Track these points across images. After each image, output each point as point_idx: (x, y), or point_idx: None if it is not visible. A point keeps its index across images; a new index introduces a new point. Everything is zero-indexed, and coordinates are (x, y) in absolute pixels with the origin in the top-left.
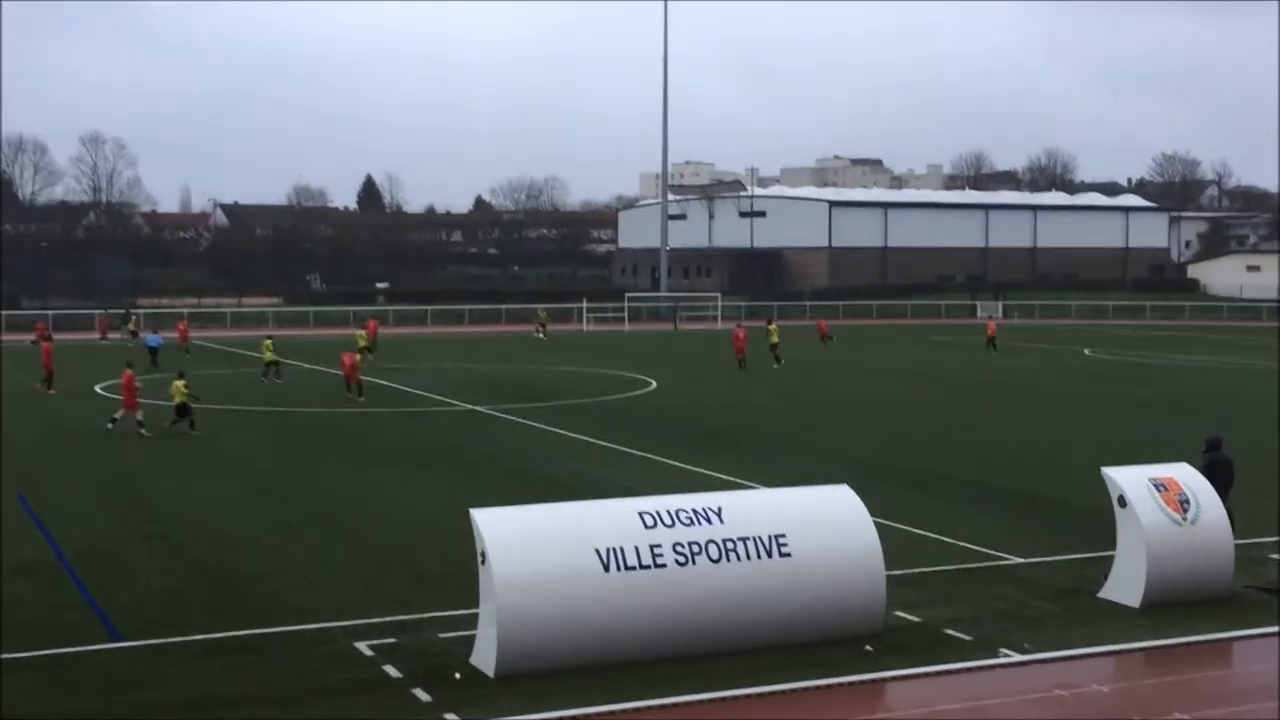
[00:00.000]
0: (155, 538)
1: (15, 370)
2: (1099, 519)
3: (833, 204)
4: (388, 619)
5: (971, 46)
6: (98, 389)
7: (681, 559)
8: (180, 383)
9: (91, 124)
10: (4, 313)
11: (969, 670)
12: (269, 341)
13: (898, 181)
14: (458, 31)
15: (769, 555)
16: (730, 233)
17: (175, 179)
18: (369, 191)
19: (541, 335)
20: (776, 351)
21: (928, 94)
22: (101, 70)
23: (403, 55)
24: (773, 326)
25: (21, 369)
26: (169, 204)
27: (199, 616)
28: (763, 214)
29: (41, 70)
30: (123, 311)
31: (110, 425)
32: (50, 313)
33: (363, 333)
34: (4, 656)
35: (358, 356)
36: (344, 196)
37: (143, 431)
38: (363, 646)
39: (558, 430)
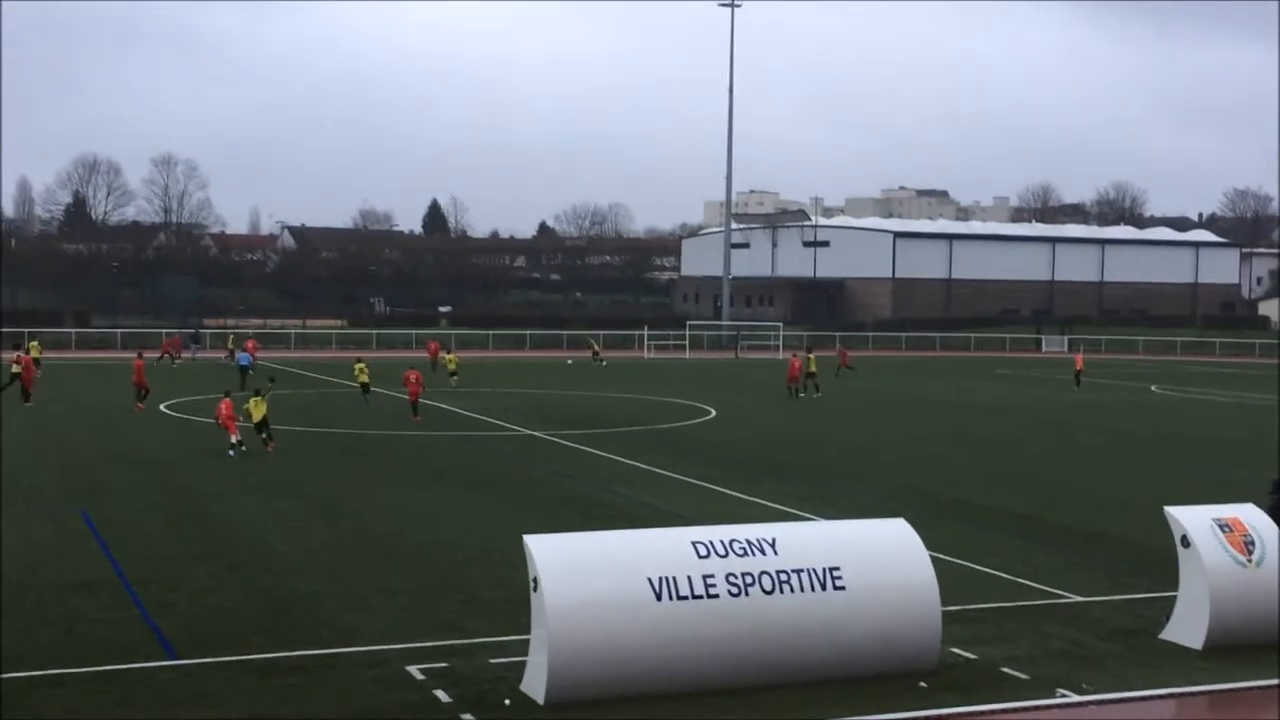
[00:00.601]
0: (212, 557)
1: (84, 387)
2: (1162, 559)
3: (897, 235)
4: (439, 643)
5: (1040, 78)
6: (163, 408)
7: (734, 590)
8: (258, 398)
9: (164, 146)
10: (74, 331)
11: (1026, 709)
12: (361, 364)
13: (963, 213)
14: (524, 58)
15: (823, 588)
16: (793, 262)
17: (244, 201)
18: (434, 216)
19: (603, 362)
20: (815, 381)
21: (995, 125)
22: (175, 94)
23: (469, 81)
24: (811, 356)
25: (88, 386)
26: (238, 226)
27: (253, 636)
28: (826, 244)
29: (116, 93)
30: (192, 332)
31: (232, 452)
32: (119, 331)
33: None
34: (64, 671)
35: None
36: (409, 221)
37: (232, 453)
38: (414, 670)
39: (614, 457)
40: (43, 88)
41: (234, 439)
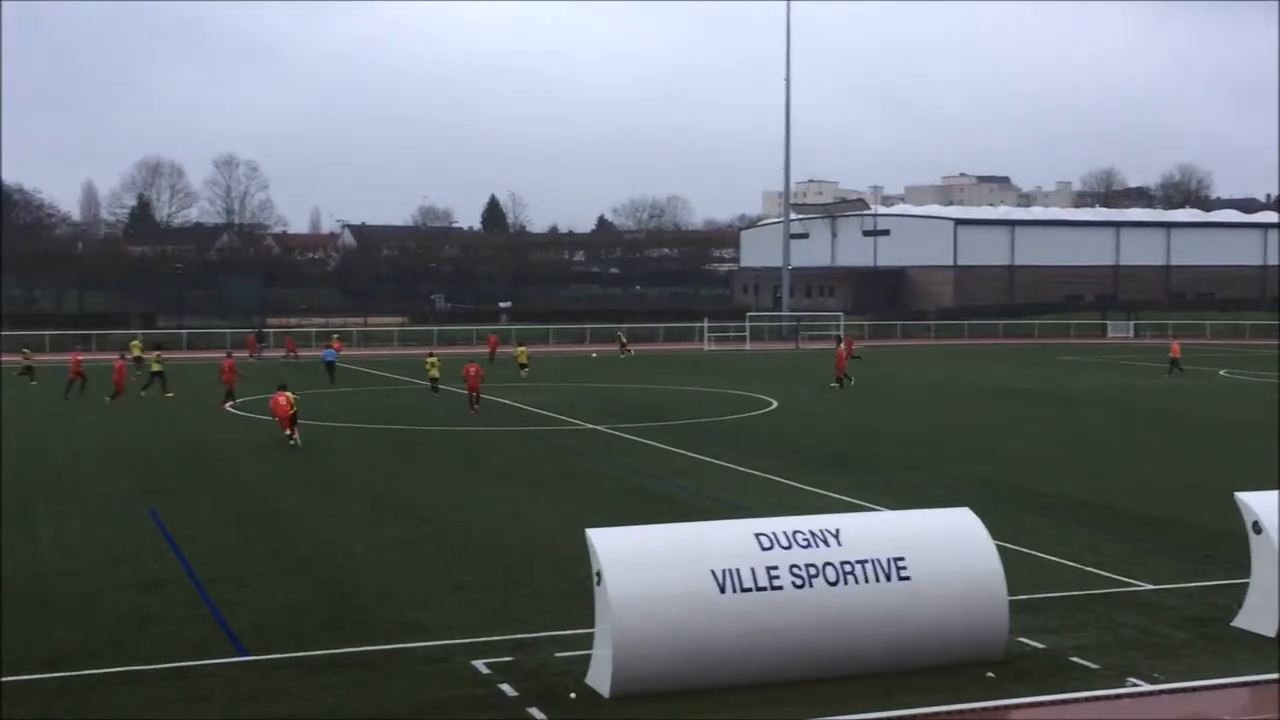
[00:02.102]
0: (280, 554)
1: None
2: (1233, 545)
3: (958, 222)
4: (505, 637)
5: (1102, 60)
6: (228, 407)
7: (798, 581)
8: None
9: (225, 147)
10: (126, 332)
11: (1096, 699)
12: (433, 359)
13: (1025, 199)
14: (581, 52)
15: (887, 578)
16: (853, 251)
17: (305, 201)
18: (493, 212)
19: (630, 352)
20: (846, 371)
21: (1056, 110)
22: (235, 95)
23: (527, 76)
24: (841, 346)
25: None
26: (299, 225)
27: (321, 633)
28: (886, 232)
29: (177, 96)
30: (256, 331)
31: (293, 443)
32: (185, 332)
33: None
34: (138, 668)
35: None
36: (468, 217)
37: (292, 443)
38: (480, 665)
39: (676, 450)
40: (105, 92)
41: (287, 432)
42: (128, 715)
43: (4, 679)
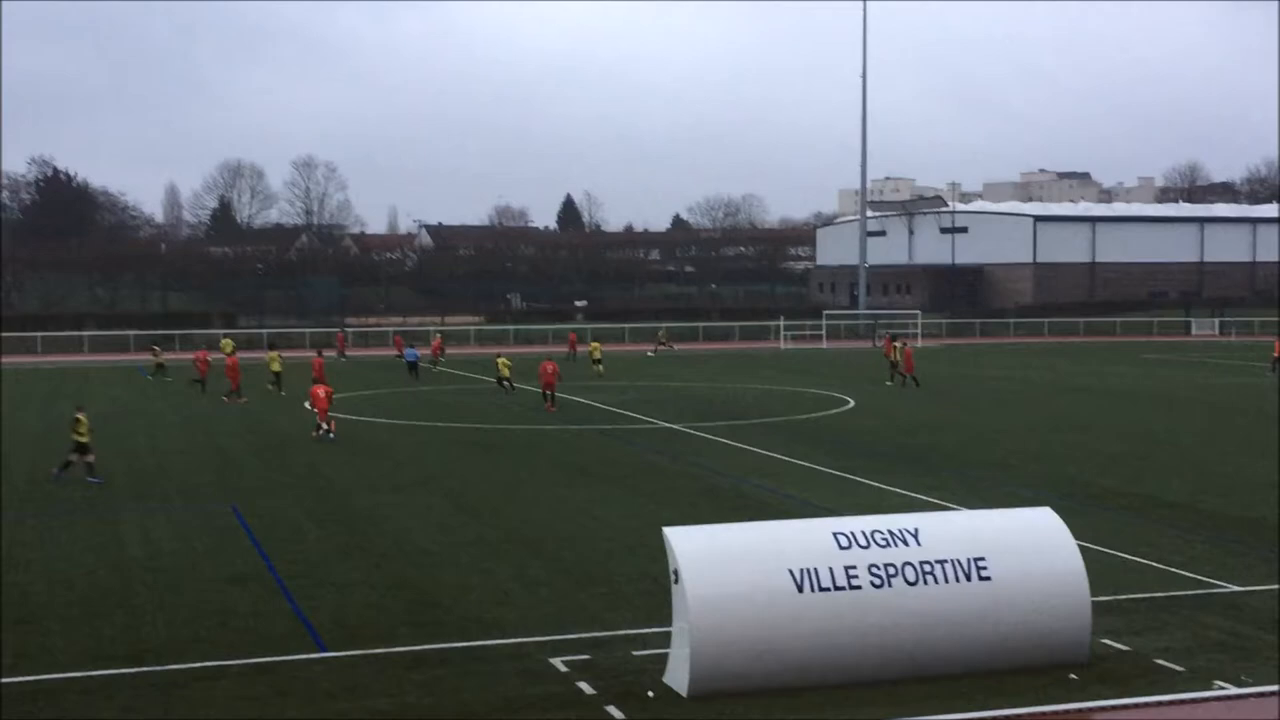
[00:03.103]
0: (359, 552)
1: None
2: None
3: (1038, 219)
4: (582, 635)
5: (1186, 53)
6: (308, 405)
7: (877, 581)
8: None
9: (304, 149)
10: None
11: (1181, 702)
12: (504, 359)
13: (1106, 195)
14: (655, 51)
15: (967, 578)
16: (931, 249)
17: (383, 201)
18: (568, 211)
19: (653, 353)
20: (897, 370)
21: (1138, 104)
22: (314, 98)
23: (602, 75)
24: (897, 345)
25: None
26: (376, 226)
27: (400, 629)
28: (965, 230)
29: (258, 99)
30: (338, 330)
31: (321, 435)
32: (265, 331)
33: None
34: (222, 663)
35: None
36: (544, 216)
37: (319, 436)
38: (557, 663)
39: (753, 448)
40: (187, 95)
41: (322, 424)
42: (212, 710)
43: (93, 673)
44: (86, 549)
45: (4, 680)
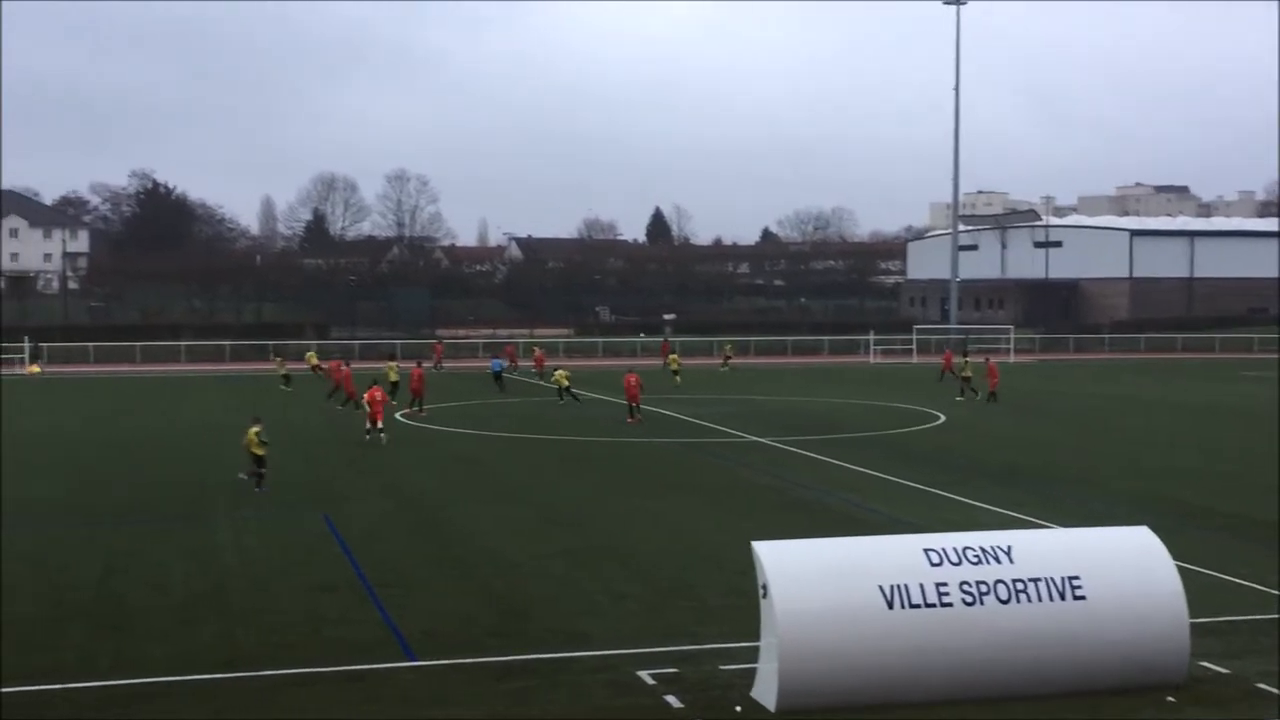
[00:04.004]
0: (447, 562)
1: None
2: None
3: (1134, 233)
4: (670, 649)
5: None
6: (399, 416)
7: (969, 598)
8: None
9: (397, 163)
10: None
11: None
12: (563, 372)
13: (1205, 209)
14: (746, 63)
15: (1061, 598)
16: (1024, 264)
17: (473, 214)
18: (657, 224)
19: (725, 367)
20: (971, 384)
21: (1237, 117)
22: (406, 112)
23: (691, 88)
24: (967, 360)
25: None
26: (467, 238)
27: (487, 640)
28: (1059, 244)
29: (351, 113)
30: (434, 341)
31: (372, 436)
32: (357, 342)
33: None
34: (313, 670)
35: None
36: (633, 229)
37: (375, 438)
38: (645, 675)
39: (842, 463)
40: (282, 110)
41: (377, 425)
42: (303, 716)
43: (188, 677)
44: (183, 556)
45: (103, 684)
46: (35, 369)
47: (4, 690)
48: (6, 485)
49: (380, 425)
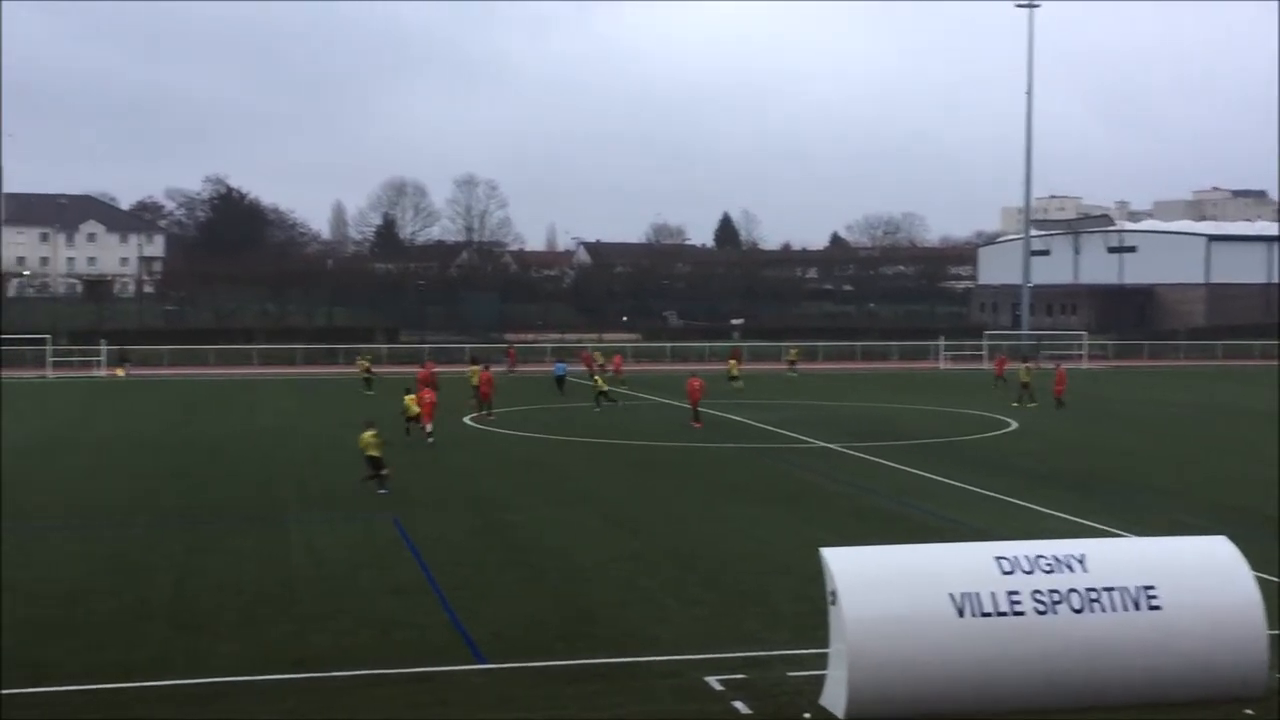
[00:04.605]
0: (516, 565)
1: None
2: None
3: (1211, 238)
4: (738, 655)
5: None
6: (467, 420)
7: (1041, 607)
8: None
9: (466, 167)
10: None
11: None
12: (599, 377)
13: None
14: (813, 66)
15: (1136, 607)
16: (1097, 269)
17: (541, 219)
18: (725, 229)
19: (793, 372)
20: (1030, 391)
21: None
22: (475, 117)
23: (759, 92)
24: (1028, 365)
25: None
26: (535, 242)
27: (556, 643)
28: (1133, 249)
29: (424, 119)
30: (506, 345)
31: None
32: (426, 346)
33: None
34: (383, 671)
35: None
36: (701, 234)
37: (419, 437)
38: (712, 681)
39: (910, 469)
40: (353, 115)
41: (425, 426)
42: (372, 717)
43: (260, 677)
44: (255, 557)
45: (176, 682)
46: (120, 372)
47: (81, 687)
48: (94, 488)
49: (429, 427)
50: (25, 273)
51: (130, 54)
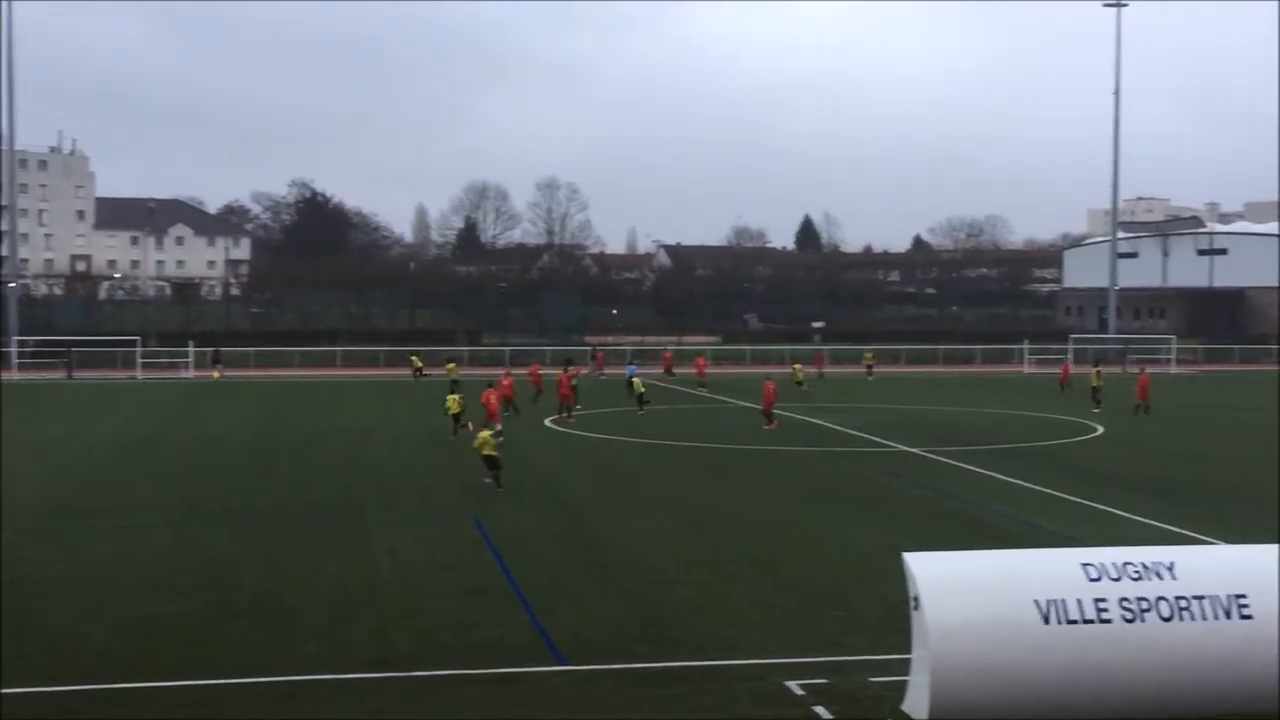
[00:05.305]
0: (596, 568)
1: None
2: None
3: None
4: (819, 659)
5: None
6: (547, 422)
7: (1129, 615)
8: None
9: (547, 171)
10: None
11: None
12: (637, 379)
13: None
14: (896, 68)
15: (1227, 616)
16: (1187, 272)
17: (622, 222)
18: (806, 232)
19: (870, 375)
20: (1098, 395)
21: None
22: (556, 121)
23: (842, 95)
24: (1097, 369)
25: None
26: (616, 245)
27: (636, 646)
28: (1224, 251)
29: (505, 123)
30: (591, 349)
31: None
32: (507, 349)
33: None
34: (463, 672)
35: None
36: (782, 237)
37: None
38: (793, 686)
39: (993, 474)
40: (436, 120)
41: (496, 426)
42: (454, 717)
43: (341, 676)
44: (337, 557)
45: (261, 680)
46: (216, 374)
47: (166, 684)
48: (186, 487)
49: (467, 425)
50: (116, 275)
51: (218, 59)
